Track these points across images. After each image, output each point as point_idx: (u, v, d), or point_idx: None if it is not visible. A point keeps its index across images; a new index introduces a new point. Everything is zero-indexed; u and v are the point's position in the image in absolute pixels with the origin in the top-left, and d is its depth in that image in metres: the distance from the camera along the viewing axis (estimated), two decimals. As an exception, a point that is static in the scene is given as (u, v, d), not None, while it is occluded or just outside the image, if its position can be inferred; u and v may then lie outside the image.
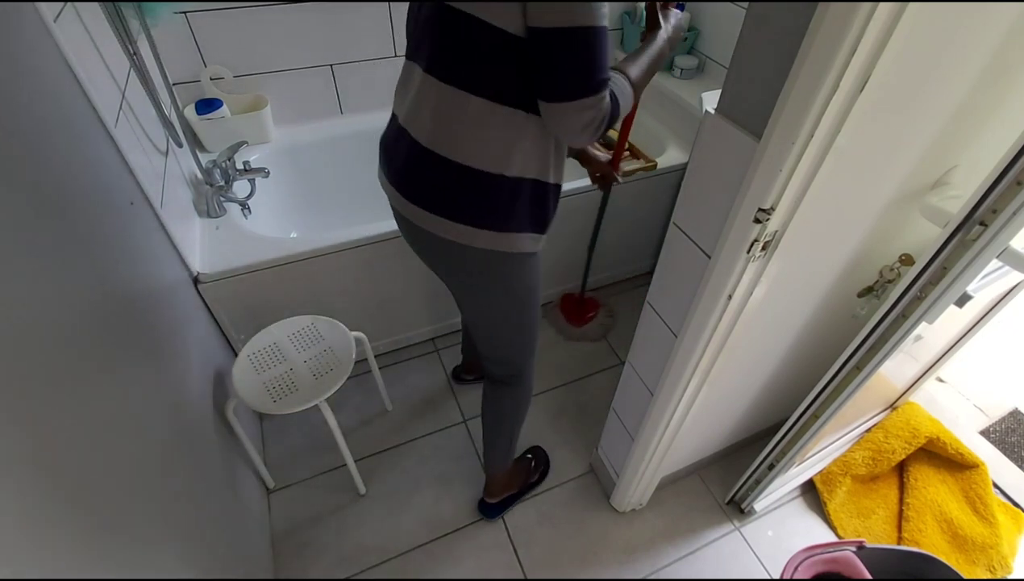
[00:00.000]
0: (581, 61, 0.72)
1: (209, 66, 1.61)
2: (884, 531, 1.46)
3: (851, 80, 0.59)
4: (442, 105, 0.82)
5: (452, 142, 0.83)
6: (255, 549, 1.22)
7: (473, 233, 0.88)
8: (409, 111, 0.88)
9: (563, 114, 0.76)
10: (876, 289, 1.05)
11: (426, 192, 0.88)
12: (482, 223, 0.88)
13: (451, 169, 0.84)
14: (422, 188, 0.89)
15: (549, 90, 0.75)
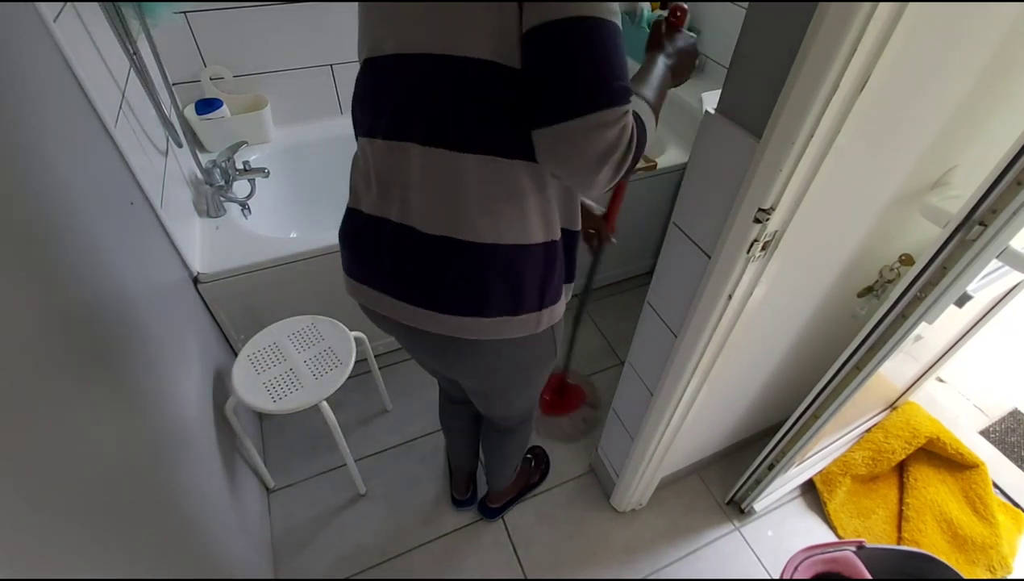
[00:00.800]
0: (591, 61, 0.54)
1: (209, 66, 1.61)
2: (884, 531, 1.46)
3: (851, 80, 0.59)
4: (434, 175, 0.64)
5: (459, 219, 0.65)
6: (255, 549, 1.22)
7: (508, 323, 0.71)
8: (382, 195, 0.70)
9: (571, 138, 0.55)
10: (876, 289, 1.05)
11: (434, 289, 0.70)
12: (518, 307, 0.71)
13: (467, 253, 0.66)
14: (427, 285, 0.70)
15: (550, 107, 0.56)
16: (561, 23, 0.53)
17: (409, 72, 0.63)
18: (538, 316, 0.73)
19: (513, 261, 0.68)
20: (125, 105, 1.13)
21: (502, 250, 0.67)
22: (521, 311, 0.71)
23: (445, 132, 0.63)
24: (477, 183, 0.63)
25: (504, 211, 0.65)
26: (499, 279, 0.68)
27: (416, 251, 0.69)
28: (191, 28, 1.53)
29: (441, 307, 0.71)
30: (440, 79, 0.61)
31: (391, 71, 0.65)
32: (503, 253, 0.67)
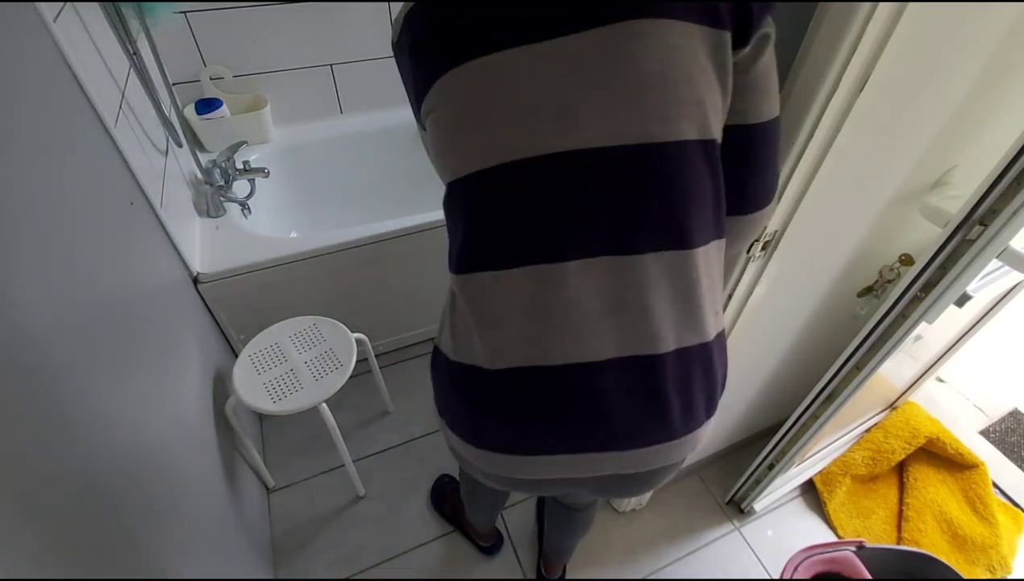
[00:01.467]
0: (778, 156, 0.60)
1: (209, 66, 1.61)
2: (884, 531, 1.46)
3: (851, 80, 0.59)
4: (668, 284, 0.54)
5: (694, 321, 0.56)
6: (255, 549, 1.22)
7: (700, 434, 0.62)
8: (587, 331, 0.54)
9: (760, 222, 0.62)
10: (876, 289, 1.05)
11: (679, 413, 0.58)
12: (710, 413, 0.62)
13: (702, 357, 0.58)
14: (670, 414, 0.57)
15: (762, 194, 0.59)
16: (775, 123, 0.56)
17: (614, 168, 0.50)
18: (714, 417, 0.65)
19: (724, 345, 0.62)
20: (125, 105, 1.13)
21: (722, 336, 0.61)
22: (710, 415, 0.62)
23: (680, 228, 0.52)
24: (706, 276, 0.55)
25: (719, 297, 0.60)
26: (720, 371, 0.61)
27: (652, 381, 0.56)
28: (191, 28, 1.53)
29: (688, 427, 0.59)
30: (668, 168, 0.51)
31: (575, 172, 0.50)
32: (722, 339, 0.61)
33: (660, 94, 0.48)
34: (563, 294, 0.53)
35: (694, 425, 0.60)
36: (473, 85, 0.51)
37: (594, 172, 0.50)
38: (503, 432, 0.59)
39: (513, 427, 0.58)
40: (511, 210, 0.53)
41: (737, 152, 0.55)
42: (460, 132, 0.53)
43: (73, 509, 0.58)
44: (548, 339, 0.55)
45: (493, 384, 0.57)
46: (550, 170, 0.50)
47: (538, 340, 0.55)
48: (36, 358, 0.59)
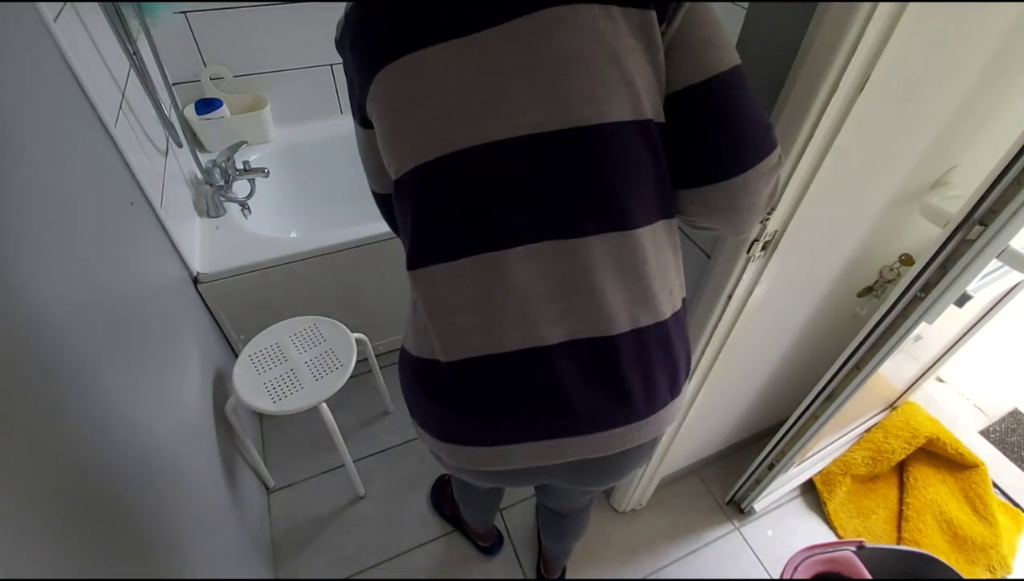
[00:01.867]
0: (754, 107, 0.53)
1: (209, 66, 1.61)
2: (884, 531, 1.46)
3: (851, 80, 0.59)
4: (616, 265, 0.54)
5: (646, 302, 0.56)
6: (255, 549, 1.22)
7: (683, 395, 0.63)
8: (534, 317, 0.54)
9: (755, 186, 0.55)
10: (876, 289, 1.05)
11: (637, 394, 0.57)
12: (688, 373, 0.63)
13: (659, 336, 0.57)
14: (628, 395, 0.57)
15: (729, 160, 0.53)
16: (726, 75, 0.52)
17: (544, 153, 0.50)
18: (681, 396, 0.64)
19: (684, 325, 0.62)
20: (125, 105, 1.13)
21: (680, 316, 0.60)
22: (676, 394, 0.62)
23: (620, 210, 0.52)
24: (653, 256, 0.55)
25: (672, 276, 0.59)
26: (682, 351, 0.61)
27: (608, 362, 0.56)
28: (191, 28, 1.53)
29: (652, 407, 0.59)
30: (600, 151, 0.51)
31: (507, 160, 0.51)
32: (680, 319, 0.60)
33: (584, 77, 0.49)
34: (510, 281, 0.53)
35: (658, 405, 0.59)
36: (403, 82, 0.51)
37: (526, 159, 0.50)
38: (465, 424, 0.59)
39: (474, 418, 0.58)
40: (451, 202, 0.53)
41: (696, 117, 0.53)
42: (396, 129, 0.54)
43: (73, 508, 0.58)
44: (499, 327, 0.55)
45: (450, 376, 0.58)
46: (483, 160, 0.51)
47: (490, 328, 0.55)
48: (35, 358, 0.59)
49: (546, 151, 0.50)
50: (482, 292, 0.54)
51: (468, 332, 0.56)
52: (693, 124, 0.54)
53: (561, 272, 0.53)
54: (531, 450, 0.59)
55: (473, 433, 0.60)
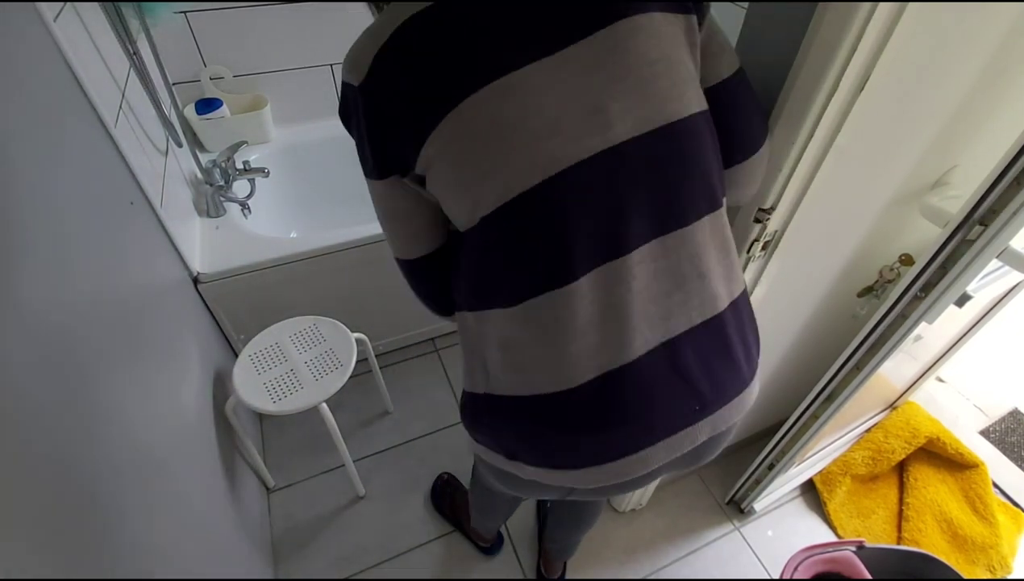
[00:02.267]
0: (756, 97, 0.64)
1: (209, 66, 1.61)
2: (884, 531, 1.46)
3: (851, 80, 0.59)
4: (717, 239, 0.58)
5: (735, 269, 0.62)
6: (255, 549, 1.22)
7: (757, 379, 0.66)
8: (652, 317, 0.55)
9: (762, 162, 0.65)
10: (876, 289, 1.05)
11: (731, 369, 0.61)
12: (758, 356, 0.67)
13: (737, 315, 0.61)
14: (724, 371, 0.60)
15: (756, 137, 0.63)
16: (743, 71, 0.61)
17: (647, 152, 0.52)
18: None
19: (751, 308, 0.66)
20: (125, 105, 1.13)
21: (746, 294, 0.65)
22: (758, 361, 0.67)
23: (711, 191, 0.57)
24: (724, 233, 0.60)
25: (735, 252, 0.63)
26: (754, 330, 0.66)
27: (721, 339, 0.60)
28: (191, 28, 1.53)
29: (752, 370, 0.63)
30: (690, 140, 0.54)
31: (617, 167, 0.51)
32: (747, 297, 0.65)
33: (667, 76, 0.52)
34: (633, 285, 0.54)
35: (755, 367, 0.65)
36: (491, 110, 0.49)
37: (632, 162, 0.52)
38: (606, 442, 0.58)
39: (616, 432, 0.57)
40: (564, 222, 0.52)
41: (722, 109, 0.59)
42: (485, 161, 0.51)
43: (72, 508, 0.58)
44: (627, 334, 0.55)
45: (583, 399, 0.56)
46: (594, 172, 0.51)
47: (619, 338, 0.55)
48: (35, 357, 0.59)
49: (648, 150, 0.52)
50: (608, 304, 0.54)
51: (596, 349, 0.55)
52: (729, 113, 0.60)
53: (675, 265, 0.56)
54: (668, 446, 0.59)
55: (616, 448, 0.58)
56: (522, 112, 0.49)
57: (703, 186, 0.56)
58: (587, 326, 0.54)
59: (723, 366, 0.60)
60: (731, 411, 0.62)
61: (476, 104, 0.49)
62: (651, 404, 0.57)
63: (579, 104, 0.50)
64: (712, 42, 0.58)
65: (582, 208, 0.51)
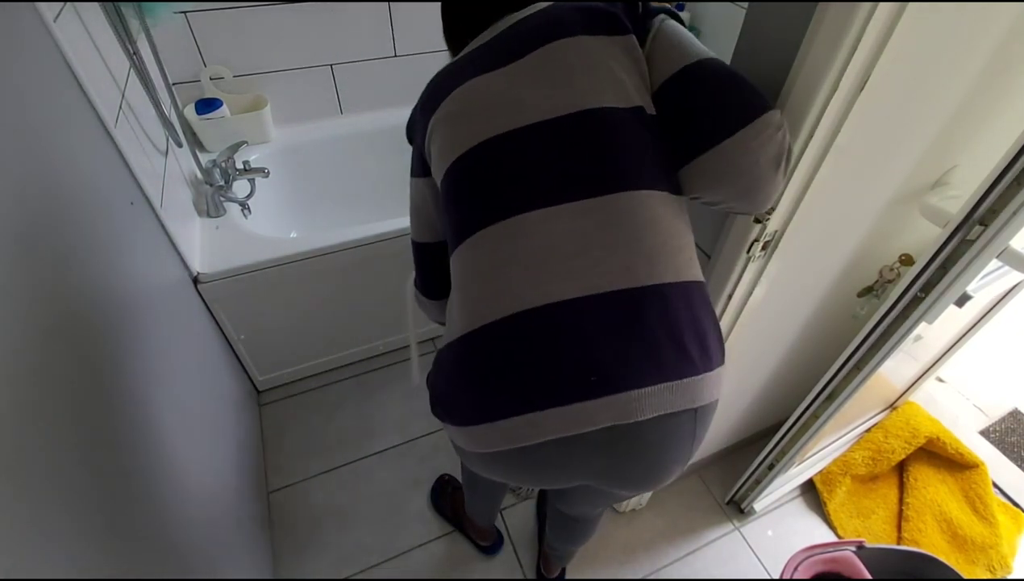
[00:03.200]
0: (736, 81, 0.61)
1: (209, 66, 1.61)
2: (884, 531, 1.46)
3: (851, 80, 0.59)
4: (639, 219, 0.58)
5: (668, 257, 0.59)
6: (255, 549, 1.22)
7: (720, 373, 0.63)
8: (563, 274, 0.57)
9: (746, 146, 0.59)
10: (876, 289, 1.05)
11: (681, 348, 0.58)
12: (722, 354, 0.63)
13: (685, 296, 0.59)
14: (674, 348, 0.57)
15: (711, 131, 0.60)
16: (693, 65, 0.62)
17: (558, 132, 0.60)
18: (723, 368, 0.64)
19: (709, 300, 0.64)
20: (125, 105, 1.13)
21: (703, 289, 0.63)
22: (723, 359, 0.63)
23: (626, 173, 0.59)
24: (668, 219, 0.60)
25: (689, 247, 0.63)
26: (710, 323, 0.62)
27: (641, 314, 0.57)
28: (191, 28, 1.53)
29: (682, 371, 0.58)
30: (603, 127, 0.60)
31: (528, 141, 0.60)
32: (704, 292, 0.63)
33: (587, 77, 0.62)
34: (533, 241, 0.58)
35: (688, 370, 0.58)
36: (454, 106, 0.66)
37: (543, 138, 0.61)
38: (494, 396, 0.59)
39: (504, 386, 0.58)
40: (482, 182, 0.63)
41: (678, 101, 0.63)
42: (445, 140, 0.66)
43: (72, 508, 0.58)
44: (523, 285, 0.58)
45: (477, 346, 0.60)
46: (508, 144, 0.62)
47: (508, 290, 0.58)
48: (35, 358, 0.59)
49: (559, 129, 0.60)
50: (505, 255, 0.59)
51: (490, 296, 0.59)
52: (674, 108, 0.63)
53: (579, 229, 0.58)
54: (561, 416, 0.56)
55: (502, 404, 0.58)
56: (468, 107, 0.65)
57: (614, 167, 0.59)
58: (487, 272, 0.60)
59: (635, 346, 0.56)
60: (641, 401, 0.56)
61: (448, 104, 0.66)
62: (540, 361, 0.56)
63: (505, 97, 0.63)
64: (658, 47, 0.64)
65: (496, 171, 0.62)
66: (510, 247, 0.59)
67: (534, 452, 0.59)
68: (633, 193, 0.59)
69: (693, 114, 0.62)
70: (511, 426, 0.58)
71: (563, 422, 0.57)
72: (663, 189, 0.61)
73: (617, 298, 0.56)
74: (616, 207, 0.58)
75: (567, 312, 0.56)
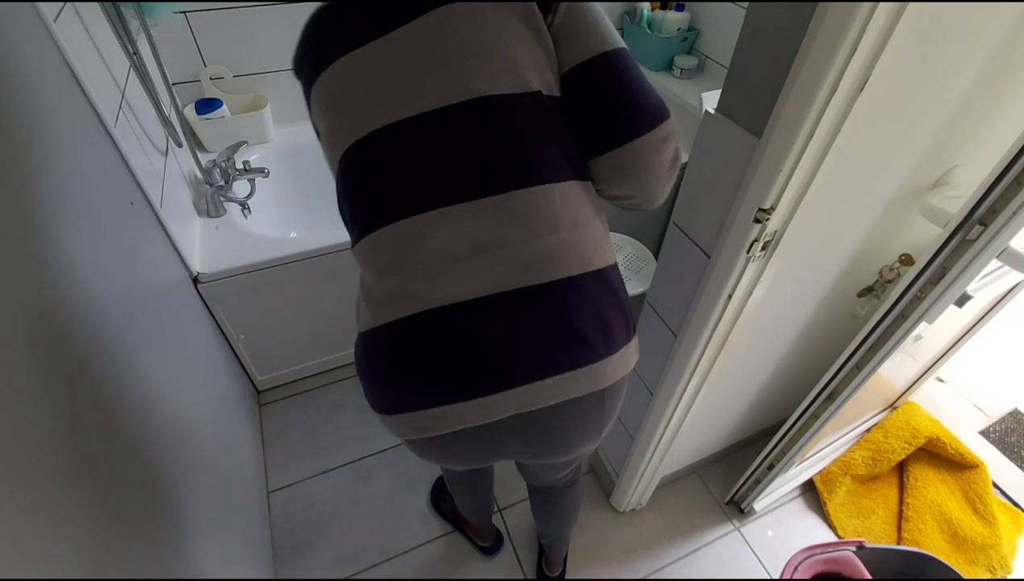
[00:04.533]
0: (643, 82, 0.61)
1: (209, 66, 1.61)
2: (884, 531, 1.46)
3: (851, 80, 0.59)
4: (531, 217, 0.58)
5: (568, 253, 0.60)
6: (255, 549, 1.22)
7: (628, 351, 0.65)
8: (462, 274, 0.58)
9: (655, 148, 0.61)
10: (876, 289, 1.05)
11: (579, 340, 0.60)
12: (630, 332, 0.65)
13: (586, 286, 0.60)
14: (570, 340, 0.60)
15: (628, 124, 0.60)
16: (612, 54, 0.60)
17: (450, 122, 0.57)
18: (636, 339, 0.68)
19: (617, 283, 0.65)
20: (125, 105, 1.13)
21: (609, 273, 0.63)
22: (631, 335, 0.66)
23: (523, 168, 0.58)
24: (567, 211, 0.60)
25: (596, 234, 0.63)
26: (615, 307, 0.63)
27: (539, 310, 0.58)
28: (191, 28, 1.53)
29: (577, 361, 0.60)
30: (497, 117, 0.57)
31: (420, 132, 0.58)
32: (610, 275, 0.63)
33: (476, 57, 0.57)
34: (427, 242, 0.58)
35: (589, 359, 0.61)
36: (334, 84, 0.61)
37: (435, 129, 0.57)
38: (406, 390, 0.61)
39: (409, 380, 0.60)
40: (375, 177, 0.60)
41: (591, 90, 0.61)
42: (331, 125, 0.63)
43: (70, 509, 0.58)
44: (419, 287, 0.58)
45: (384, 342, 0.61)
46: (400, 135, 0.58)
47: (409, 290, 0.59)
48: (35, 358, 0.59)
49: (452, 120, 0.57)
50: (402, 256, 0.59)
51: (391, 297, 0.60)
52: (589, 97, 0.61)
53: (473, 231, 0.58)
54: (465, 409, 0.60)
55: (411, 399, 0.61)
56: (351, 86, 0.60)
57: (511, 160, 0.57)
58: (387, 270, 0.60)
59: (531, 341, 0.58)
60: (543, 391, 0.60)
61: (325, 80, 0.62)
62: (442, 359, 0.59)
63: (392, 79, 0.58)
64: (570, 24, 0.59)
65: (389, 165, 0.59)
66: (407, 247, 0.59)
67: (452, 439, 0.63)
68: (531, 189, 0.58)
69: (609, 107, 0.60)
70: (420, 418, 0.62)
71: (469, 414, 0.60)
72: (565, 178, 0.60)
73: (515, 296, 0.58)
74: (512, 205, 0.58)
75: (466, 312, 0.58)
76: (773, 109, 0.65)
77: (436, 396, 0.60)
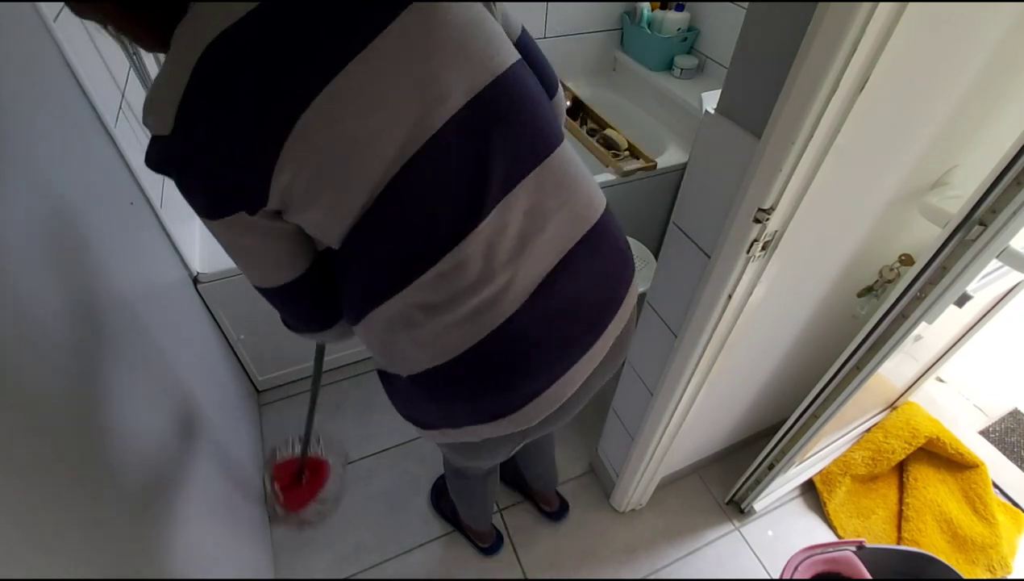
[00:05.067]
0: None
1: (209, 66, 1.60)
2: (884, 531, 1.46)
3: (851, 80, 0.59)
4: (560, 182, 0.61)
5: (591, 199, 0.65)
6: (255, 548, 1.22)
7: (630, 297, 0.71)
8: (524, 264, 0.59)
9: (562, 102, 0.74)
10: (876, 289, 1.05)
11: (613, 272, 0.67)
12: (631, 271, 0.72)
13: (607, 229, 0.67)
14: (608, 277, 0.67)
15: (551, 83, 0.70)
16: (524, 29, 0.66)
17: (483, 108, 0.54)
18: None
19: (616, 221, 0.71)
20: (125, 105, 1.13)
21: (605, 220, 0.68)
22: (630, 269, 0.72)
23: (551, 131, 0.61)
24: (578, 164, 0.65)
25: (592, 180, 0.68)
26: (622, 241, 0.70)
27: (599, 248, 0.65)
28: (191, 28, 1.52)
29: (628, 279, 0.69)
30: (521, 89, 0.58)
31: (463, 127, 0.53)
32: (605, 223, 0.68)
33: (480, 36, 0.54)
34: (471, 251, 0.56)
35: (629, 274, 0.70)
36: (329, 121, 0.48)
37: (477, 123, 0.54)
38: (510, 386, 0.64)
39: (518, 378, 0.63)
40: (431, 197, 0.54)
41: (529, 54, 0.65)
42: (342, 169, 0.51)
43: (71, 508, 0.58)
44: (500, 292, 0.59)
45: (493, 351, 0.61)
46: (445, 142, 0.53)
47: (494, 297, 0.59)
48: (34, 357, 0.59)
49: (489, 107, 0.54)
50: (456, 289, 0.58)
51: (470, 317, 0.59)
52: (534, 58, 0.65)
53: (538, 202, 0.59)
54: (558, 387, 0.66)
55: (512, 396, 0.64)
56: (357, 112, 0.49)
57: (541, 128, 0.60)
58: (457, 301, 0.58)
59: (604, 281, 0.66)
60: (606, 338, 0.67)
61: (311, 120, 0.48)
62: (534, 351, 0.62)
63: (409, 86, 0.50)
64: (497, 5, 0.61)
65: (442, 179, 0.54)
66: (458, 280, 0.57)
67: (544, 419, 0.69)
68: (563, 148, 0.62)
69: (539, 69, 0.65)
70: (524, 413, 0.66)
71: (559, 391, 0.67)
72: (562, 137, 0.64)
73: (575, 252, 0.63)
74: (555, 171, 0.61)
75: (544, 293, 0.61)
76: (773, 109, 0.65)
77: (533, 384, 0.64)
